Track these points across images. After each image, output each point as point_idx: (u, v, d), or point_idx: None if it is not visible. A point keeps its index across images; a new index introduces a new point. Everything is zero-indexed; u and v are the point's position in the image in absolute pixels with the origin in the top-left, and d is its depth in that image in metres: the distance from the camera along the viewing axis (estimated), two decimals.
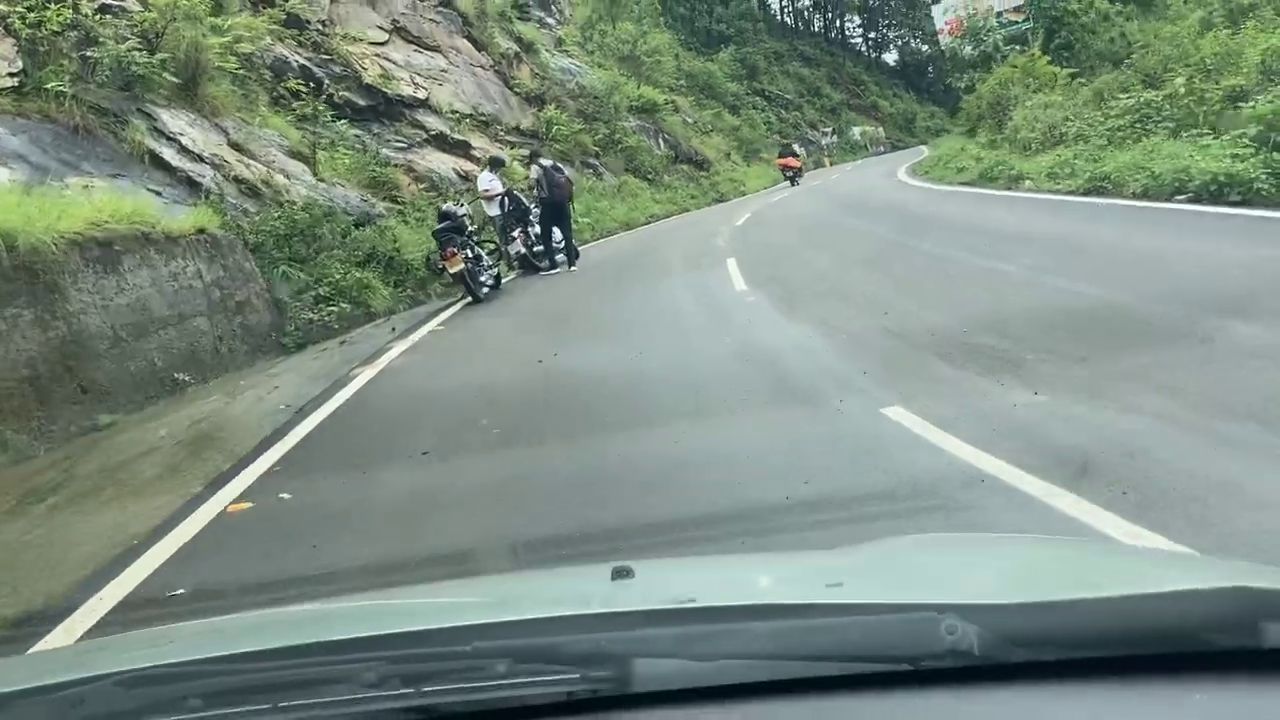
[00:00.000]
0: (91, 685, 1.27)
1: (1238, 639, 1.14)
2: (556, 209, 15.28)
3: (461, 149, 23.01)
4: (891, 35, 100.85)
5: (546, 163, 15.70)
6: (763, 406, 5.64)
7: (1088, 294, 6.84)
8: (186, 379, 9.29)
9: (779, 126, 64.06)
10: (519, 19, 29.71)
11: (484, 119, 24.84)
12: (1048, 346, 5.65)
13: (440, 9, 25.81)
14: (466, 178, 21.18)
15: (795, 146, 44.71)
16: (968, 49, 42.45)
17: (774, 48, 78.65)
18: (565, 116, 25.92)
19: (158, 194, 11.62)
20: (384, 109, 22.24)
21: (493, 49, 26.57)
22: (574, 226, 17.48)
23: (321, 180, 16.15)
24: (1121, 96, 14.81)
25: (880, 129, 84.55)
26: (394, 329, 11.14)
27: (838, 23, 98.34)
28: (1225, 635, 1.15)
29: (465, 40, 26.15)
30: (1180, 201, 9.64)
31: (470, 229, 13.83)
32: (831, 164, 69.65)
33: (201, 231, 10.57)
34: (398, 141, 21.88)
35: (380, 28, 24.14)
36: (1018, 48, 47.51)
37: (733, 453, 4.82)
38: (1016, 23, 54.32)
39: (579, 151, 26.57)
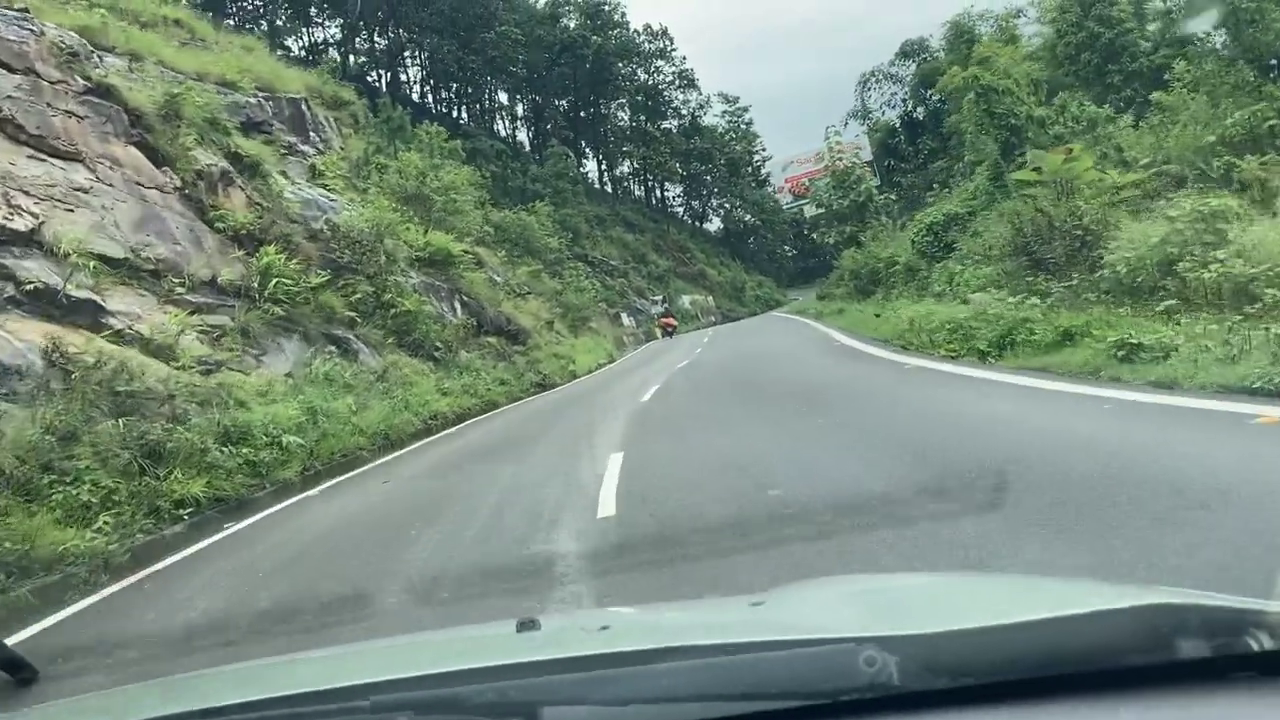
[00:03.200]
0: None
1: (1155, 655, 1.15)
2: None
3: (84, 314, 13.12)
4: (715, 203, 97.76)
5: None
6: None
7: None
8: None
9: (605, 294, 56.82)
10: (242, 132, 20.51)
11: (150, 266, 15.08)
12: None
13: (89, 97, 16.29)
14: (60, 361, 11.17)
15: (668, 307, 52.41)
16: (834, 202, 36.47)
17: (595, 211, 72.65)
18: (295, 265, 16.49)
19: None
20: None
21: (182, 165, 17.11)
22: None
23: None
24: None
25: (710, 298, 79.18)
26: None
27: (658, 190, 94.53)
28: (1143, 652, 1.15)
29: (133, 148, 16.60)
30: None
31: None
32: (659, 335, 62.70)
33: None
34: None
35: None
36: (891, 195, 42.41)
37: None
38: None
39: (320, 318, 17.09)
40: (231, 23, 47.03)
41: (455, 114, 77.84)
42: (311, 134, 28.34)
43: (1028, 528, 4.39)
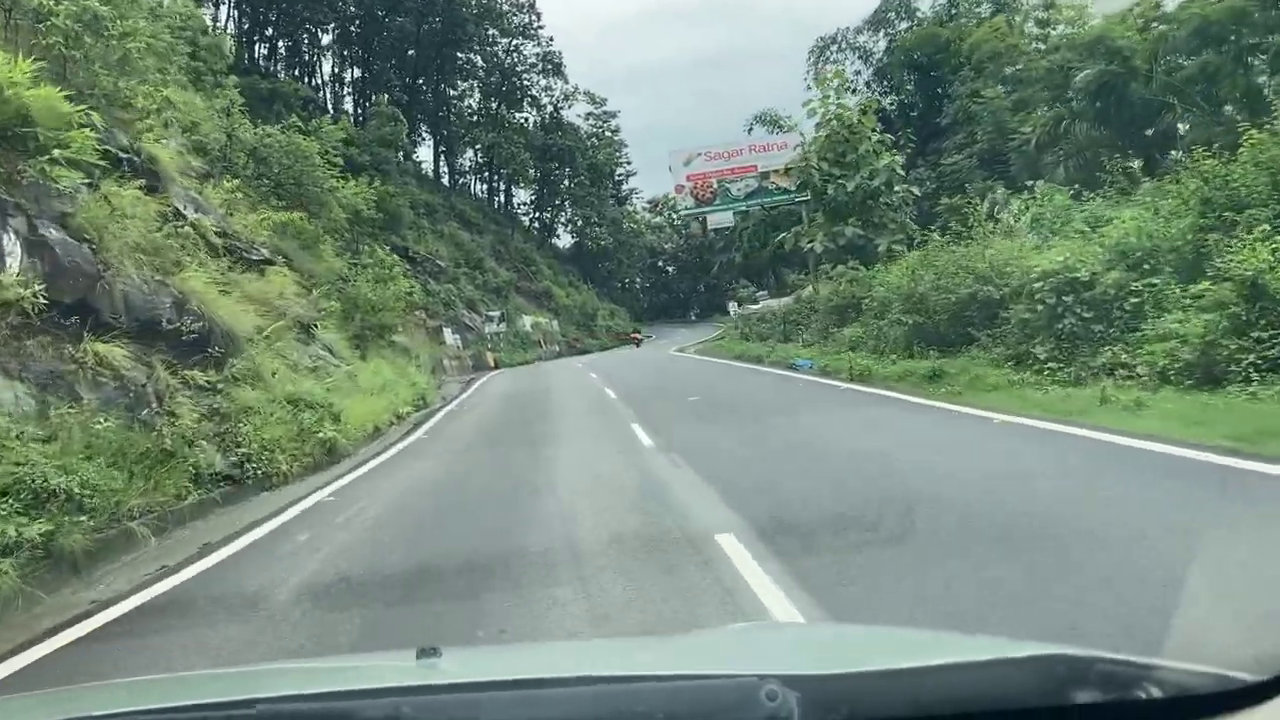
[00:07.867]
0: None
1: (1053, 700, 1.17)
2: None
3: None
4: (569, 214, 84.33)
5: None
6: None
7: None
8: None
9: (425, 300, 42.39)
10: None
11: None
12: None
13: None
14: None
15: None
16: (829, 186, 23.93)
17: (425, 198, 57.96)
18: None
19: None
20: None
21: None
22: None
23: None
24: None
25: (555, 322, 65.62)
26: None
27: (504, 191, 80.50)
28: (1041, 697, 1.18)
29: None
30: None
31: None
32: (497, 363, 48.28)
33: None
34: None
35: None
36: (912, 189, 29.92)
37: None
38: (789, 191, 37.86)
39: None
40: None
41: (269, 63, 61.73)
42: None
43: None
